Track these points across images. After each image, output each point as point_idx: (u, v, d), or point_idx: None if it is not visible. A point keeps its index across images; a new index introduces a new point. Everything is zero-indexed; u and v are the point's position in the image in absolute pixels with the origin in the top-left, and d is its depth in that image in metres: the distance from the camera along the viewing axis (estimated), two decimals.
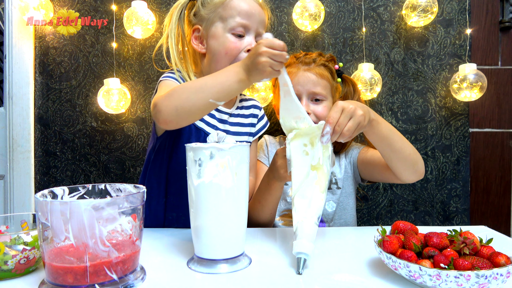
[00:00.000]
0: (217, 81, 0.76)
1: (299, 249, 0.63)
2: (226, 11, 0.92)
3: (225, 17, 0.92)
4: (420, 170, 0.88)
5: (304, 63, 1.05)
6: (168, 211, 0.96)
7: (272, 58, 0.71)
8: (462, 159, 1.38)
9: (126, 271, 0.55)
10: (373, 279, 0.59)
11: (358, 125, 0.72)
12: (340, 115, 0.71)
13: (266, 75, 0.73)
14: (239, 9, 0.91)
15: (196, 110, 0.76)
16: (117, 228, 0.55)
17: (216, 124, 0.97)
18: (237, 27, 0.91)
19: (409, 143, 0.86)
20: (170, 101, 0.76)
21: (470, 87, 1.27)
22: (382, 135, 0.81)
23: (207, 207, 0.63)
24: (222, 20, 0.92)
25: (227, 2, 0.92)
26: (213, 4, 0.93)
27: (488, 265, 0.52)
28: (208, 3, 0.94)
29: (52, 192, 0.61)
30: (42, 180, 1.39)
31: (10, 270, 0.58)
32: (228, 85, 0.76)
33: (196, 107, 0.75)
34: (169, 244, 0.77)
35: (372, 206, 1.39)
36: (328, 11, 1.37)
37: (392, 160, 0.86)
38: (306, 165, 0.73)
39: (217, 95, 0.75)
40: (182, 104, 0.75)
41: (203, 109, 0.76)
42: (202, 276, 0.61)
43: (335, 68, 1.10)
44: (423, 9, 1.28)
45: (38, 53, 1.38)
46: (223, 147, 0.62)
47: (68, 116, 1.39)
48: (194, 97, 0.75)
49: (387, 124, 0.82)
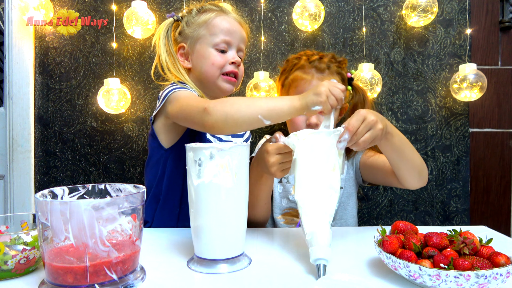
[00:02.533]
0: (270, 101, 0.79)
1: (317, 256, 0.61)
2: (209, 29, 0.99)
3: (208, 35, 0.99)
4: (424, 178, 0.89)
5: (318, 70, 1.04)
6: (180, 221, 0.98)
7: (331, 91, 0.74)
8: (462, 159, 1.38)
9: (126, 271, 0.55)
10: (373, 279, 0.59)
11: (375, 138, 0.73)
12: (360, 124, 0.71)
13: (320, 103, 0.74)
14: (222, 27, 0.99)
15: (243, 122, 0.78)
16: (117, 228, 0.55)
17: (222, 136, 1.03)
18: (220, 43, 0.99)
19: (417, 152, 0.88)
20: (222, 107, 0.78)
21: (470, 87, 1.27)
22: (395, 147, 0.82)
23: (207, 207, 0.63)
24: (206, 37, 0.99)
25: (210, 21, 1.00)
26: (197, 24, 1.00)
27: (488, 265, 0.52)
28: (192, 23, 1.01)
29: (52, 192, 0.61)
30: (42, 180, 1.39)
31: (10, 270, 0.58)
32: (280, 107, 0.77)
33: (244, 119, 0.78)
34: (169, 244, 0.77)
35: (372, 206, 1.39)
36: (328, 11, 1.37)
37: (400, 169, 0.87)
38: (318, 168, 0.71)
39: (267, 113, 0.77)
40: (233, 112, 0.77)
41: (249, 122, 0.78)
42: (202, 276, 0.61)
43: (347, 76, 1.09)
44: (423, 9, 1.28)
45: (38, 53, 1.38)
46: (223, 147, 0.62)
47: (68, 116, 1.39)
48: (245, 110, 0.77)
49: (400, 136, 0.84)
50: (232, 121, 0.77)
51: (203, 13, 1.02)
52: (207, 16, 1.00)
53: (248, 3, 1.37)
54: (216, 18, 1.00)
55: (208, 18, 1.00)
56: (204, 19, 1.00)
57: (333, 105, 0.75)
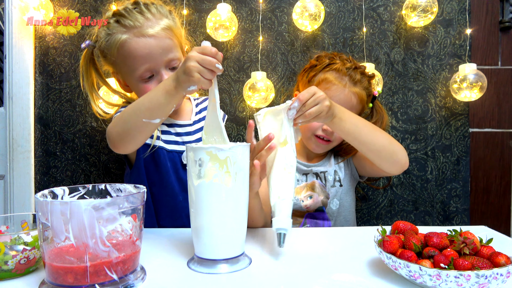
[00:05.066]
0: (147, 98, 0.75)
1: (278, 226, 0.69)
2: (125, 62, 0.90)
3: (127, 68, 0.90)
4: (400, 160, 0.89)
5: (352, 80, 1.03)
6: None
7: (202, 64, 0.66)
8: (462, 159, 1.38)
9: (126, 271, 0.55)
10: (373, 279, 0.59)
11: (321, 113, 0.75)
12: (310, 97, 0.75)
13: (194, 82, 0.68)
14: (136, 55, 0.87)
15: (135, 132, 0.75)
16: (117, 228, 0.55)
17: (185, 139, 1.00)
18: (143, 73, 0.89)
19: (384, 135, 0.88)
20: (113, 127, 0.78)
21: (470, 87, 1.27)
22: (345, 131, 0.84)
23: (207, 207, 0.63)
24: (127, 71, 0.91)
25: (122, 52, 0.89)
26: (111, 54, 0.92)
27: (488, 265, 0.52)
28: (107, 53, 0.93)
29: (52, 192, 0.61)
30: (42, 180, 1.39)
31: (10, 270, 0.58)
32: (156, 100, 0.73)
33: (133, 129, 0.75)
34: (169, 244, 0.77)
35: (372, 206, 1.39)
36: (328, 11, 1.37)
37: (365, 153, 0.89)
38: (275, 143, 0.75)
39: (149, 113, 0.73)
40: (123, 128, 0.75)
41: (141, 130, 0.75)
42: (202, 276, 0.61)
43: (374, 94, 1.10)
44: (423, 9, 1.28)
45: (38, 53, 1.38)
46: (223, 147, 0.62)
47: (68, 116, 1.39)
48: (130, 119, 0.75)
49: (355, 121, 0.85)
50: (126, 137, 0.76)
51: (112, 36, 0.90)
52: (116, 43, 0.89)
53: (248, 3, 1.37)
54: (125, 46, 0.88)
55: (117, 47, 0.89)
56: (115, 48, 0.89)
57: (209, 78, 0.67)
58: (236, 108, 1.38)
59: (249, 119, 1.38)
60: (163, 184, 0.96)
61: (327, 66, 1.06)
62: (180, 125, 1.02)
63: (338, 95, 1.02)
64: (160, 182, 0.96)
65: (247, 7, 1.37)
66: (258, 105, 1.31)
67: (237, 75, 1.38)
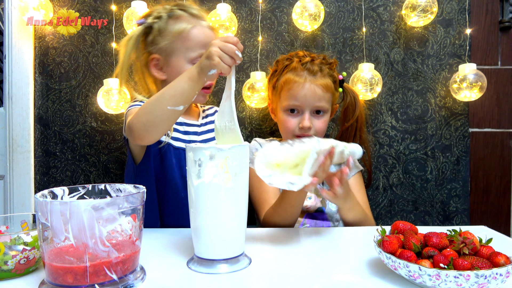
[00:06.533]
0: (171, 87, 0.78)
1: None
2: (184, 42, 0.96)
3: (184, 48, 0.96)
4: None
5: (310, 72, 1.03)
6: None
7: (223, 50, 0.72)
8: (462, 159, 1.38)
9: (126, 271, 0.55)
10: (373, 279, 0.59)
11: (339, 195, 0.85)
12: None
13: (214, 65, 0.72)
14: (197, 40, 0.95)
15: (160, 121, 0.78)
16: (117, 228, 0.55)
17: (192, 138, 1.02)
18: (197, 57, 0.94)
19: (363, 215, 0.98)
20: (138, 118, 0.79)
21: (470, 87, 1.27)
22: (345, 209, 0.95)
23: (207, 207, 0.63)
24: (181, 51, 0.96)
25: (186, 34, 0.95)
26: (171, 35, 0.96)
27: (488, 265, 0.52)
28: (166, 34, 0.96)
29: (52, 192, 0.61)
30: (42, 180, 1.39)
31: (10, 270, 0.58)
32: (180, 87, 0.76)
33: (159, 118, 0.77)
34: (169, 244, 0.77)
35: (372, 206, 1.39)
36: (328, 11, 1.37)
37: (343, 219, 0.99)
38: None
39: (173, 100, 0.76)
40: (148, 118, 0.77)
41: (166, 118, 0.78)
42: (202, 276, 0.61)
43: (339, 78, 1.10)
44: (423, 9, 1.28)
45: (38, 53, 1.38)
46: (222, 147, 0.62)
47: (68, 116, 1.39)
48: (155, 108, 0.77)
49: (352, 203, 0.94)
50: (151, 126, 0.78)
51: (176, 20, 0.97)
52: (182, 27, 0.96)
53: (248, 3, 1.37)
54: (191, 31, 0.96)
55: (182, 30, 0.95)
56: (178, 30, 0.96)
57: (229, 64, 0.72)
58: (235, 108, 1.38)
59: (249, 119, 1.38)
60: (166, 179, 0.98)
61: (285, 68, 1.07)
62: (189, 124, 1.04)
63: (301, 91, 1.02)
64: (164, 178, 0.98)
65: (247, 7, 1.37)
66: (258, 105, 1.31)
67: (237, 75, 1.38)
